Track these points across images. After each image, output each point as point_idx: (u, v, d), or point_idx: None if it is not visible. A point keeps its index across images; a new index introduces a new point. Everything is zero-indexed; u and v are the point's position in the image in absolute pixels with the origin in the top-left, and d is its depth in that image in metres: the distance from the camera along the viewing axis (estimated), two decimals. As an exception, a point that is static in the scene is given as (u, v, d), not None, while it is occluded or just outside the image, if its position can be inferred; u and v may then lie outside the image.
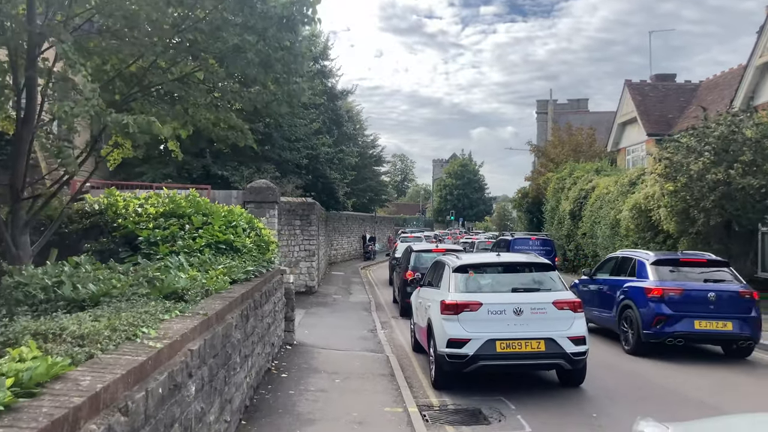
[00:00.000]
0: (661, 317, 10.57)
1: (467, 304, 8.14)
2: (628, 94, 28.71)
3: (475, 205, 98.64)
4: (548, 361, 8.12)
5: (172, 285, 5.46)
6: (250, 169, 21.17)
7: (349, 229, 37.66)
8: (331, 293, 19.26)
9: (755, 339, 10.71)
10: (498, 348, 7.87)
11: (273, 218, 15.90)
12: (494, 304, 8.14)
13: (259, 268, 7.94)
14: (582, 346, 8.05)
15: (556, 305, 8.18)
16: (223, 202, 16.79)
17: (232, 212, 9.36)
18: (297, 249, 17.95)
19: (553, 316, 8.12)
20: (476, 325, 8.01)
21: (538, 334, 7.95)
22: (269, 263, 8.81)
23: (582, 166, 29.45)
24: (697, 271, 11.32)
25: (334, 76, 31.47)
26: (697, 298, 10.72)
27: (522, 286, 8.64)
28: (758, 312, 10.82)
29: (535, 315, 8.08)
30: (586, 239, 25.97)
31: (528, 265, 9.32)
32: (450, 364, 8.05)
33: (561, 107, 60.71)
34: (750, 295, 10.88)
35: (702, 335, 10.68)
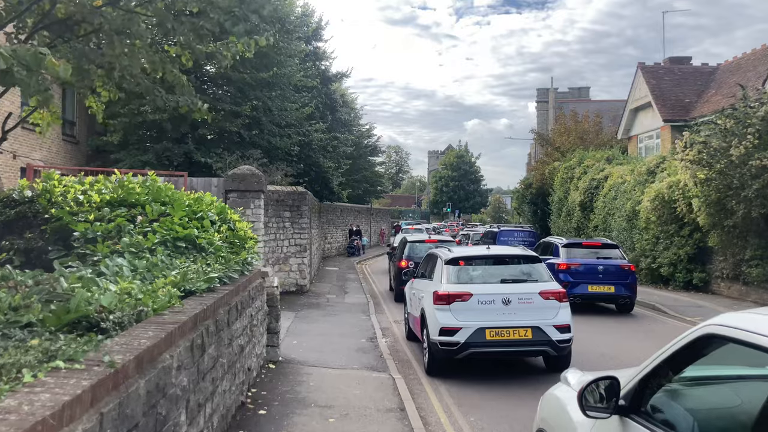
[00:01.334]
0: (565, 284, 13.11)
1: (458, 295, 8.58)
2: (642, 78, 26.89)
3: (471, 197, 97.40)
4: (535, 348, 8.61)
5: (81, 307, 3.62)
6: (234, 155, 19.26)
7: (344, 222, 35.82)
8: (325, 292, 17.43)
9: (632, 298, 14.81)
10: (487, 336, 8.33)
11: (259, 209, 14.04)
12: (484, 294, 8.59)
13: (230, 273, 6.11)
14: (567, 334, 8.54)
15: (542, 295, 8.64)
16: (202, 191, 14.92)
17: (199, 201, 7.51)
18: (286, 244, 16.12)
19: (539, 306, 8.58)
20: (467, 314, 8.45)
21: (526, 323, 8.41)
22: (245, 265, 6.98)
23: (592, 154, 27.67)
24: (593, 251, 15.55)
25: (327, 59, 29.54)
26: (591, 269, 14.77)
27: (510, 277, 9.10)
28: (634, 279, 15.04)
29: (522, 304, 8.54)
30: (598, 232, 24.21)
31: (516, 258, 9.70)
32: (442, 352, 8.51)
33: (562, 95, 58.95)
34: (628, 267, 14.92)
35: (594, 296, 14.77)
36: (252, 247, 7.79)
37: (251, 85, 21.93)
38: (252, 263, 7.42)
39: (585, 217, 25.55)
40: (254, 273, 7.43)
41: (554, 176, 30.46)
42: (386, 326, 12.93)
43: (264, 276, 8.21)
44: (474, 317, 8.44)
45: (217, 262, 6.15)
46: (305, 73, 24.30)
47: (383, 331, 12.27)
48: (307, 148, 24.54)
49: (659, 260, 18.82)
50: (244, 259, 6.93)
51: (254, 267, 7.63)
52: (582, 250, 15.63)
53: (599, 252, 15.47)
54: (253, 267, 7.58)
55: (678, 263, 18.13)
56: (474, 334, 8.32)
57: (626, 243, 21.23)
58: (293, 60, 23.04)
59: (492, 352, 8.62)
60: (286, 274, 16.10)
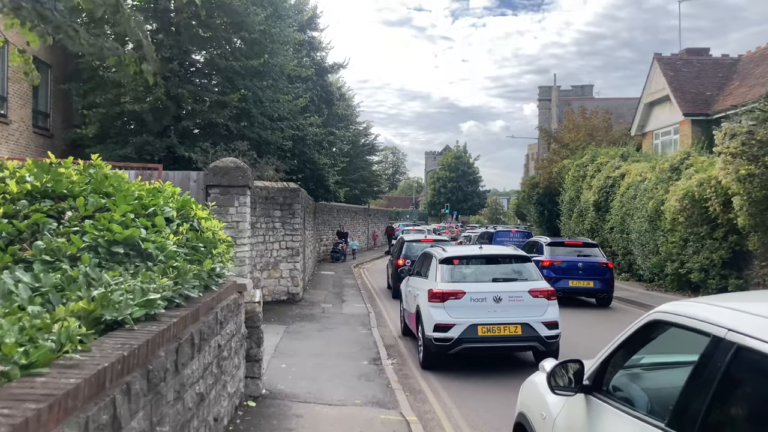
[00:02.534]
0: (548, 279, 13.11)
1: (452, 293, 8.92)
2: (659, 70, 25.21)
3: (469, 198, 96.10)
4: (524, 343, 8.97)
5: None
6: (217, 146, 17.43)
7: (341, 223, 34.02)
8: (320, 301, 15.63)
9: (609, 292, 16.13)
10: (479, 332, 8.69)
11: (244, 207, 12.24)
12: (476, 292, 8.95)
13: (185, 291, 4.33)
14: (554, 330, 8.89)
15: (532, 293, 9.01)
16: (179, 185, 13.12)
17: (156, 192, 5.73)
18: (276, 247, 14.32)
19: (528, 303, 8.93)
20: (460, 311, 8.80)
21: (516, 320, 8.76)
22: (211, 278, 5.19)
23: (605, 151, 25.96)
24: (575, 250, 16.88)
25: (323, 50, 27.73)
26: (572, 266, 15.99)
27: (501, 276, 9.45)
28: (612, 275, 16.29)
29: (512, 302, 8.89)
30: (614, 234, 22.50)
31: (507, 257, 10.04)
32: (436, 347, 8.83)
33: (564, 93, 57.36)
34: (606, 264, 16.20)
35: (574, 290, 15.92)
36: (224, 252, 6.01)
37: (240, 74, 20.13)
38: (223, 274, 5.63)
39: (600, 218, 23.81)
40: (226, 287, 5.64)
41: (564, 175, 28.75)
42: (391, 342, 11.15)
43: (241, 289, 6.42)
44: (467, 314, 8.80)
45: (168, 274, 4.37)
46: (299, 63, 22.50)
47: (388, 349, 10.49)
48: (301, 143, 22.73)
49: (688, 265, 17.09)
50: (209, 270, 5.15)
51: (227, 278, 5.85)
52: (564, 248, 17.02)
53: (580, 250, 16.83)
54: (226, 279, 5.80)
55: (710, 268, 16.39)
56: (467, 330, 8.70)
57: (648, 246, 19.52)
58: (286, 48, 21.25)
59: (484, 348, 8.96)
60: (276, 281, 14.31)
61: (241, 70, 20.07)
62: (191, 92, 19.52)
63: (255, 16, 19.49)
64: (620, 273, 22.58)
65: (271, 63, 20.68)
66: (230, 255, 6.42)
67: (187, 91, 19.36)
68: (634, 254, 20.91)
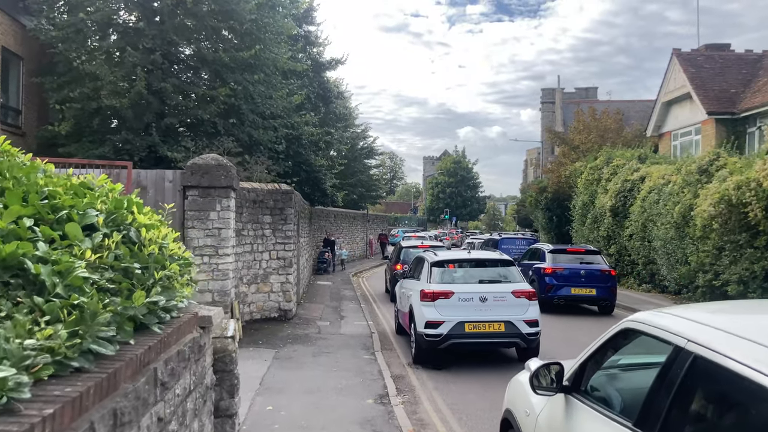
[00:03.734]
0: (550, 286, 15.42)
1: (442, 293, 9.73)
2: (678, 66, 23.63)
3: (468, 203, 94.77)
4: (507, 339, 9.73)
5: None
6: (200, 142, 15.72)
7: (339, 228, 32.28)
8: (315, 318, 13.90)
9: (612, 300, 15.99)
10: (466, 329, 9.47)
11: (227, 212, 10.56)
12: (464, 293, 9.77)
13: (93, 345, 2.63)
14: (535, 328, 9.66)
15: (514, 294, 9.80)
16: (153, 186, 11.46)
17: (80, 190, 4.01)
18: (266, 257, 12.60)
19: (511, 303, 9.72)
20: (449, 310, 9.57)
21: (499, 318, 9.56)
22: (155, 314, 3.48)
23: (620, 153, 24.33)
24: (577, 257, 16.69)
25: (320, 45, 26.04)
26: (574, 273, 15.94)
27: (487, 278, 10.22)
28: (614, 283, 16.24)
29: (497, 302, 9.69)
30: (634, 241, 20.83)
31: (493, 261, 10.87)
32: (427, 342, 9.54)
33: (568, 96, 55.87)
34: (609, 272, 16.10)
35: (576, 298, 15.86)
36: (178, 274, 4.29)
37: (229, 67, 18.46)
38: (174, 307, 3.93)
39: (617, 224, 22.15)
40: (180, 324, 3.93)
41: (575, 178, 27.12)
42: (400, 373, 9.43)
43: (205, 324, 4.70)
44: (455, 312, 9.50)
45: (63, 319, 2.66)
46: (294, 56, 20.83)
47: (396, 381, 8.79)
48: (296, 143, 21.05)
49: (724, 276, 15.42)
50: (147, 304, 3.44)
51: (182, 310, 4.14)
52: (567, 255, 16.81)
53: (583, 258, 16.69)
54: (181, 311, 4.10)
55: (750, 281, 14.73)
56: (455, 327, 9.40)
57: (675, 255, 17.86)
58: (280, 40, 19.58)
59: (470, 343, 9.68)
60: (266, 296, 12.58)
61: (230, 63, 18.39)
62: (175, 86, 17.84)
63: (245, 3, 17.83)
64: (640, 284, 20.93)
65: (263, 56, 19.01)
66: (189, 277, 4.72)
67: (171, 85, 17.69)
68: (658, 264, 19.24)
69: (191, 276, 4.74)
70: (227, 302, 10.46)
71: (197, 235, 10.39)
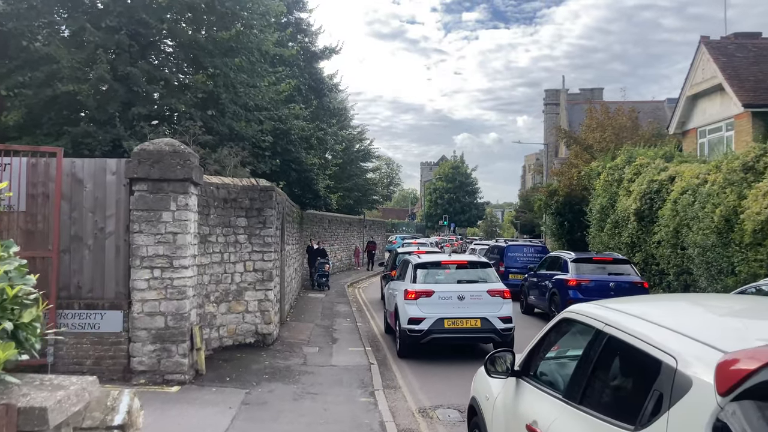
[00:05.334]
0: (573, 301, 13.25)
1: (424, 292, 10.56)
2: (707, 56, 21.37)
3: (467, 209, 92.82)
4: (483, 335, 10.58)
5: None
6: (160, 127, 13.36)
7: (333, 235, 29.91)
8: (302, 342, 11.50)
9: None
10: (446, 325, 10.34)
11: (185, 212, 8.21)
12: (444, 292, 10.62)
13: None
14: (509, 324, 10.49)
15: (490, 293, 10.66)
16: (91, 180, 9.12)
17: None
18: (240, 269, 10.21)
19: (487, 301, 10.56)
20: (430, 307, 10.42)
21: (476, 315, 10.41)
22: None
23: (643, 151, 22.07)
24: (604, 267, 15.54)
25: (312, 34, 23.73)
26: (602, 286, 14.58)
27: (465, 278, 11.13)
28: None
29: (473, 300, 10.53)
30: (664, 249, 18.51)
31: (471, 264, 11.87)
32: (410, 338, 10.45)
33: (573, 97, 53.73)
34: (641, 284, 15.15)
35: None
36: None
37: (207, 51, 16.18)
38: None
39: (643, 230, 19.82)
40: None
41: (590, 180, 24.84)
42: (409, 426, 7.05)
43: (32, 427, 2.33)
44: (435, 310, 10.41)
45: None
46: (282, 41, 18.52)
47: (405, 439, 6.45)
48: (285, 138, 18.73)
49: (783, 290, 13.11)
50: None
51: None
52: (592, 265, 15.43)
53: (610, 268, 15.33)
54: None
55: (817, 295, 12.43)
56: (435, 323, 10.32)
57: (717, 264, 15.54)
58: (266, 21, 17.28)
59: (449, 338, 10.54)
60: (239, 316, 10.20)
61: (207, 45, 16.11)
62: (145, 72, 15.51)
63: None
64: (671, 296, 18.63)
65: (246, 40, 16.71)
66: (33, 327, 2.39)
67: (140, 70, 15.37)
68: (695, 274, 16.90)
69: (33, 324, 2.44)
70: (184, 328, 8.11)
71: (146, 241, 8.05)
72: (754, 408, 2.25)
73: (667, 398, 2.59)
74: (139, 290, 8.04)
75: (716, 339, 2.65)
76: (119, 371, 8.09)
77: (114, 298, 8.22)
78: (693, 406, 2.46)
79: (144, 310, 8.03)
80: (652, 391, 2.69)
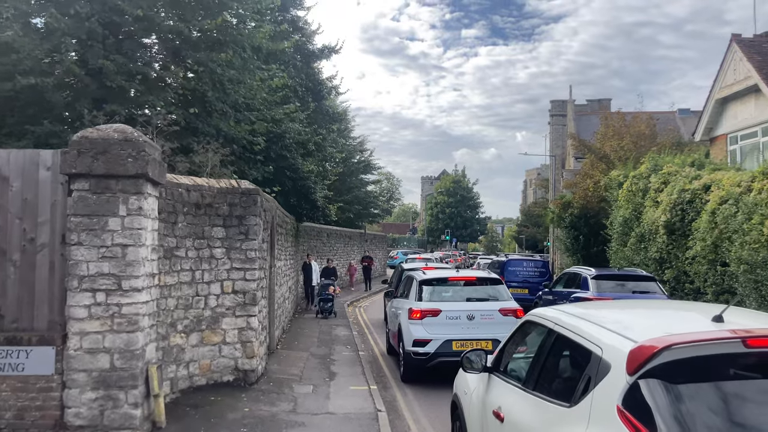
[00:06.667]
0: None
1: (430, 311, 9.94)
2: (740, 54, 19.64)
3: (468, 224, 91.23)
4: None
5: None
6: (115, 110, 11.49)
7: (332, 250, 27.98)
8: (293, 378, 9.53)
9: None
10: (454, 347, 9.53)
11: (139, 217, 6.33)
12: (451, 311, 9.99)
13: None
14: None
15: (502, 312, 10.04)
16: (19, 177, 7.25)
17: None
18: (216, 290, 8.30)
19: (499, 321, 9.87)
20: (437, 328, 9.79)
21: (486, 336, 9.63)
22: None
23: (670, 159, 20.27)
24: (628, 284, 14.39)
25: (310, 34, 21.97)
26: None
27: (475, 296, 10.49)
28: None
29: (484, 320, 9.92)
30: (700, 265, 16.61)
31: (481, 280, 11.13)
32: (415, 360, 9.75)
33: (580, 108, 52.02)
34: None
35: None
36: None
37: (190, 42, 14.41)
38: None
39: (674, 244, 17.92)
40: None
41: (609, 190, 23.02)
42: None
43: None
44: (443, 330, 9.75)
45: None
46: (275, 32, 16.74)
47: None
48: (279, 143, 16.90)
49: None
50: None
51: None
52: (613, 283, 14.46)
53: (634, 285, 14.35)
54: None
55: None
56: (442, 345, 9.59)
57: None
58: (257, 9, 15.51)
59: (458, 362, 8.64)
60: (215, 349, 8.26)
61: (190, 35, 14.33)
62: (119, 65, 13.71)
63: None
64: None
65: (234, 31, 14.94)
66: None
67: (114, 63, 13.58)
68: (739, 293, 15.00)
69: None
70: (136, 369, 6.20)
71: (87, 256, 6.17)
72: (655, 385, 2.83)
73: (594, 380, 3.19)
74: (77, 320, 6.15)
75: (636, 333, 3.17)
76: (49, 426, 6.17)
77: (46, 330, 6.33)
78: (610, 385, 3.05)
79: (83, 346, 6.13)
80: (583, 375, 3.31)
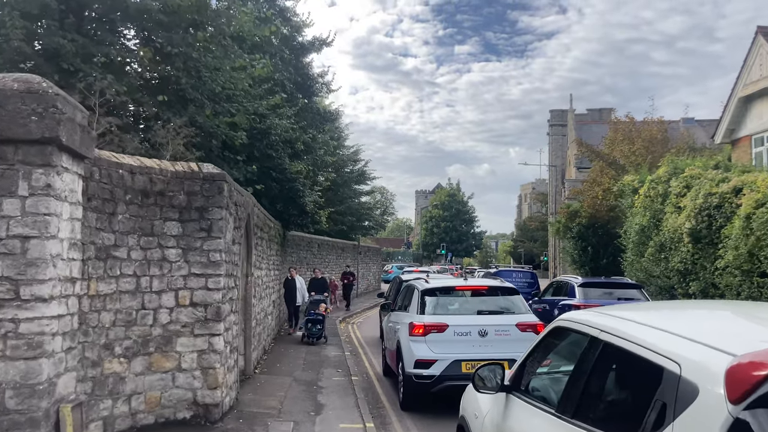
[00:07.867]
0: None
1: (435, 326, 8.51)
2: (766, 48, 18.16)
3: (464, 239, 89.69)
4: None
5: None
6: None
7: (324, 261, 26.13)
8: (269, 414, 7.63)
9: None
10: (463, 369, 8.08)
11: (47, 199, 4.54)
12: (460, 326, 8.55)
13: None
14: None
15: (520, 327, 8.55)
16: None
17: None
18: (169, 301, 6.48)
19: (516, 338, 8.38)
20: (443, 346, 8.38)
21: (502, 355, 7.85)
22: None
23: (691, 161, 18.66)
24: (615, 291, 14.70)
25: (299, 26, 20.32)
26: None
27: (487, 309, 9.01)
28: None
29: (499, 337, 8.47)
30: (732, 276, 14.90)
31: (493, 289, 9.58)
32: (417, 385, 8.32)
33: (580, 117, 50.70)
34: None
35: None
36: None
37: (162, 24, 12.72)
38: None
39: (701, 253, 16.22)
40: None
41: (622, 197, 21.40)
42: None
43: None
44: (450, 349, 8.37)
45: None
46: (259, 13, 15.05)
47: None
48: (263, 140, 15.15)
49: None
50: None
51: None
52: (599, 290, 14.82)
53: (619, 292, 14.64)
54: None
55: None
56: (450, 366, 8.21)
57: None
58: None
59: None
60: (167, 377, 6.41)
61: (162, 17, 12.63)
62: (80, 46, 12.00)
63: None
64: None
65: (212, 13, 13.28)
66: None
67: (73, 44, 11.89)
68: (782, 309, 13.32)
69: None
70: (38, 411, 4.37)
71: (-31, 252, 4.37)
72: None
73: (671, 408, 2.31)
74: (-46, 342, 4.33)
75: (721, 342, 2.34)
76: None
77: None
78: (701, 417, 2.17)
79: (-38, 380, 4.30)
80: (654, 402, 2.41)
